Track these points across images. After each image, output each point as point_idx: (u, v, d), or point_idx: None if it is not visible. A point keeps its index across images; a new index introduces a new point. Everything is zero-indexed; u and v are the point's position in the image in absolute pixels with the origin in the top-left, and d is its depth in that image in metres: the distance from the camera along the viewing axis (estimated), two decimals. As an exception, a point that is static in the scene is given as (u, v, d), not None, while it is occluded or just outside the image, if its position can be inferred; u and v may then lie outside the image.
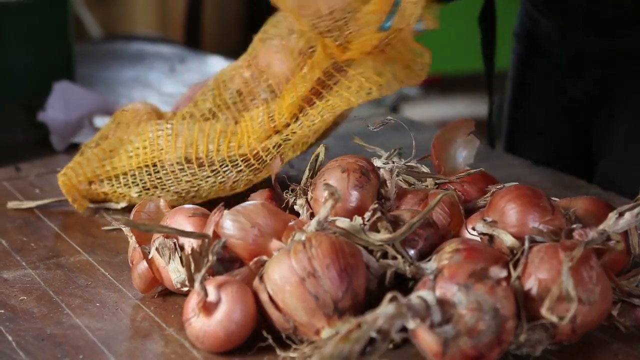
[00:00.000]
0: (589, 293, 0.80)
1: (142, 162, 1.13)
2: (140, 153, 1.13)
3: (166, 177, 1.12)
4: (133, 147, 1.14)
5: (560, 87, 1.37)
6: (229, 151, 1.10)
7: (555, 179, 1.26)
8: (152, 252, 0.93)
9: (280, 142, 1.09)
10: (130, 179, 1.14)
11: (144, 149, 1.13)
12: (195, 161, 1.11)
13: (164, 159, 1.12)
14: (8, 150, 1.43)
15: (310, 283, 0.79)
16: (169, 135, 1.13)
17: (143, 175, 1.13)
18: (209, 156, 1.11)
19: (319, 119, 1.08)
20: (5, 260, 1.04)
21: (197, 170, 1.11)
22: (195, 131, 1.12)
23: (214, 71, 1.91)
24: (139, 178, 1.13)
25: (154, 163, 1.12)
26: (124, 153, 1.15)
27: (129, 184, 1.14)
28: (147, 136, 1.14)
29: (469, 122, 1.07)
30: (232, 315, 0.82)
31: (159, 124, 1.14)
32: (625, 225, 0.86)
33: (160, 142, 1.13)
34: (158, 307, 0.93)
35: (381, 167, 0.97)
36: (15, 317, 0.91)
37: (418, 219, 0.85)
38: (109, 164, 1.15)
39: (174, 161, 1.11)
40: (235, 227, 0.88)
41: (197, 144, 1.11)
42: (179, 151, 1.11)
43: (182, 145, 1.11)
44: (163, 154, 1.12)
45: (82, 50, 1.95)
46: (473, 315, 0.76)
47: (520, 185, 0.92)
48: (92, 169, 1.15)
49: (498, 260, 0.83)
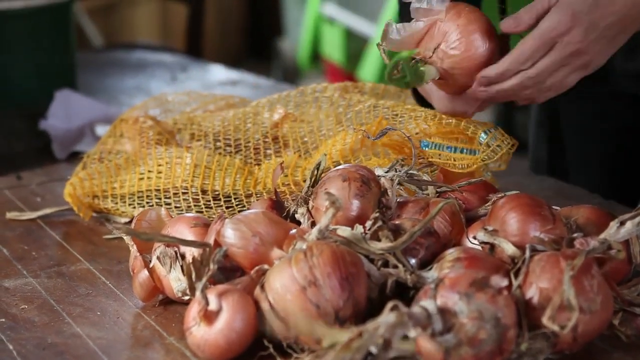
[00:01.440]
0: (590, 302, 0.80)
1: (153, 185, 1.13)
2: (153, 177, 1.13)
3: (177, 203, 1.12)
4: (146, 169, 1.14)
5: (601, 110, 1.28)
6: (246, 186, 1.11)
7: (556, 188, 1.26)
8: (153, 260, 0.93)
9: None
10: (136, 200, 1.14)
11: (158, 173, 1.13)
12: (210, 192, 1.11)
13: (179, 187, 1.12)
14: (9, 158, 1.43)
15: (311, 292, 0.79)
16: (187, 164, 1.13)
17: (152, 198, 1.13)
18: (224, 189, 1.11)
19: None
20: (6, 268, 1.04)
21: (212, 202, 1.11)
22: (213, 164, 1.13)
23: (215, 79, 1.93)
24: (146, 200, 1.13)
25: (166, 189, 1.12)
26: (135, 173, 1.15)
27: (134, 204, 1.14)
28: (164, 161, 1.14)
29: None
30: (233, 324, 0.82)
31: (179, 151, 1.14)
32: (626, 234, 0.86)
33: (177, 170, 1.13)
34: (159, 315, 0.93)
35: (382, 176, 0.97)
36: (16, 326, 0.91)
37: (419, 227, 0.85)
38: (117, 182, 1.15)
39: (190, 190, 1.12)
40: (236, 236, 0.88)
41: (214, 177, 1.12)
42: (196, 181, 1.12)
43: (200, 177, 1.12)
44: (179, 182, 1.12)
45: (83, 58, 1.96)
46: (474, 324, 0.76)
47: (521, 194, 0.91)
48: (100, 184, 1.15)
49: (499, 269, 0.83)
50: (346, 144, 1.09)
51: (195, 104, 1.34)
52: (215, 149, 1.21)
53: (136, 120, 1.25)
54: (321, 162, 1.00)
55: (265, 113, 1.22)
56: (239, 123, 1.22)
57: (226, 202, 1.11)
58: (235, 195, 1.12)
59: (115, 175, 1.16)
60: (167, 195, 1.13)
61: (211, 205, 1.11)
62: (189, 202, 1.12)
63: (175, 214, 1.11)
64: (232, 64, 2.46)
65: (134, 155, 1.18)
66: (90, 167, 1.19)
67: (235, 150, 1.20)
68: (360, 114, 1.14)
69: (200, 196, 1.12)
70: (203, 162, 1.13)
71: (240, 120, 1.22)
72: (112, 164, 1.17)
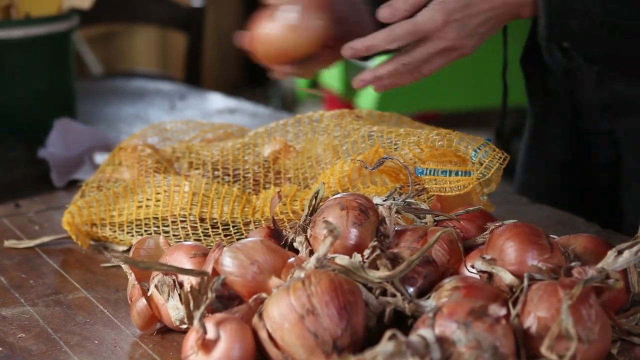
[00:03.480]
0: (588, 331, 0.80)
1: (152, 213, 1.13)
2: (151, 205, 1.13)
3: (175, 231, 1.12)
4: (144, 198, 1.15)
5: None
6: (244, 214, 1.11)
7: (554, 217, 1.26)
8: (151, 289, 0.93)
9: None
10: (135, 228, 1.14)
11: (157, 202, 1.13)
12: (209, 220, 1.11)
13: (177, 215, 1.12)
14: (8, 186, 1.43)
15: (309, 320, 0.79)
16: (185, 192, 1.13)
17: (150, 226, 1.13)
18: (223, 217, 1.11)
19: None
20: (3, 297, 1.04)
21: (210, 230, 1.11)
22: (211, 192, 1.13)
23: (214, 108, 1.94)
24: (145, 229, 1.13)
25: (164, 217, 1.13)
26: (133, 201, 1.15)
27: (132, 232, 1.14)
28: (162, 189, 1.14)
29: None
30: (231, 352, 0.82)
31: (177, 179, 1.15)
32: (624, 263, 0.86)
33: (175, 198, 1.13)
34: (157, 344, 0.93)
35: (380, 204, 0.97)
36: (13, 355, 0.91)
37: (417, 256, 0.85)
38: (115, 210, 1.15)
39: (189, 218, 1.12)
40: (234, 264, 0.88)
41: (212, 205, 1.12)
42: (194, 209, 1.12)
43: (198, 205, 1.12)
44: (177, 210, 1.12)
45: (83, 87, 1.96)
46: (472, 353, 0.76)
47: (519, 223, 0.92)
48: (98, 212, 1.15)
49: (497, 298, 0.83)
50: (344, 174, 1.09)
51: (193, 132, 1.35)
52: (213, 177, 1.21)
53: (134, 149, 1.25)
54: (319, 190, 1.00)
55: (266, 146, 1.23)
56: (237, 153, 1.22)
57: (224, 230, 1.11)
58: (233, 223, 1.12)
59: (114, 203, 1.16)
60: (166, 224, 1.13)
61: (209, 233, 1.11)
62: (187, 230, 1.12)
63: (174, 242, 1.11)
64: (230, 92, 2.48)
65: (132, 184, 1.18)
66: (88, 196, 1.19)
67: (233, 180, 1.21)
68: (356, 144, 1.15)
69: (198, 224, 1.12)
70: (201, 190, 1.13)
71: (239, 150, 1.22)
72: (110, 192, 1.17)
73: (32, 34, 1.67)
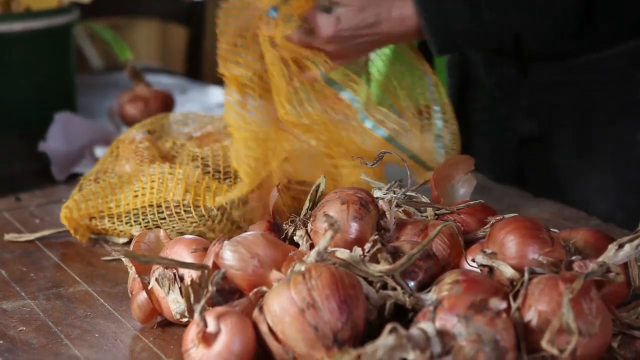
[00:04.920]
0: (589, 325, 0.80)
1: (147, 201, 1.14)
2: (146, 193, 1.14)
3: (170, 217, 1.12)
4: (140, 186, 1.15)
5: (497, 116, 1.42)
6: (226, 197, 1.13)
7: (555, 210, 1.26)
8: (152, 282, 0.93)
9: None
10: (132, 217, 1.14)
11: (151, 189, 1.14)
12: (203, 208, 1.12)
13: (170, 200, 1.12)
14: (8, 180, 1.43)
15: (309, 314, 0.79)
16: (179, 179, 1.13)
17: (147, 214, 1.13)
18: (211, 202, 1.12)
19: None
20: (4, 290, 1.04)
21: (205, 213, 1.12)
22: (203, 184, 1.14)
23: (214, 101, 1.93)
24: (142, 217, 1.14)
25: (159, 204, 1.13)
26: (129, 191, 1.15)
27: (130, 222, 1.14)
28: (156, 177, 1.14)
29: (469, 160, 1.08)
30: (231, 346, 0.82)
31: (172, 167, 1.15)
32: (624, 257, 0.86)
33: (169, 185, 1.13)
34: (157, 337, 0.93)
35: (380, 198, 0.97)
36: (14, 348, 0.91)
37: (418, 250, 0.85)
38: (112, 201, 1.15)
39: (182, 203, 1.12)
40: (234, 258, 0.88)
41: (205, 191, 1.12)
42: (187, 196, 1.12)
43: (192, 191, 1.12)
44: (170, 195, 1.12)
45: (83, 81, 1.96)
46: (473, 346, 0.76)
47: (520, 217, 0.92)
48: (95, 205, 1.15)
49: (498, 292, 0.82)
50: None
51: (193, 125, 1.35)
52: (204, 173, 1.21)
53: (132, 141, 1.25)
54: (320, 184, 1.00)
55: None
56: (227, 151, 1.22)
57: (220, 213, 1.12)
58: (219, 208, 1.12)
59: (111, 194, 1.16)
60: (160, 211, 1.13)
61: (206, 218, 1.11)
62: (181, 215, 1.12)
63: (173, 233, 1.11)
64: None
65: (127, 175, 1.18)
66: (86, 189, 1.19)
67: (224, 177, 1.20)
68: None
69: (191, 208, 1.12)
70: (194, 177, 1.14)
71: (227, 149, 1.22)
72: (106, 184, 1.17)
73: (32, 27, 1.67)
